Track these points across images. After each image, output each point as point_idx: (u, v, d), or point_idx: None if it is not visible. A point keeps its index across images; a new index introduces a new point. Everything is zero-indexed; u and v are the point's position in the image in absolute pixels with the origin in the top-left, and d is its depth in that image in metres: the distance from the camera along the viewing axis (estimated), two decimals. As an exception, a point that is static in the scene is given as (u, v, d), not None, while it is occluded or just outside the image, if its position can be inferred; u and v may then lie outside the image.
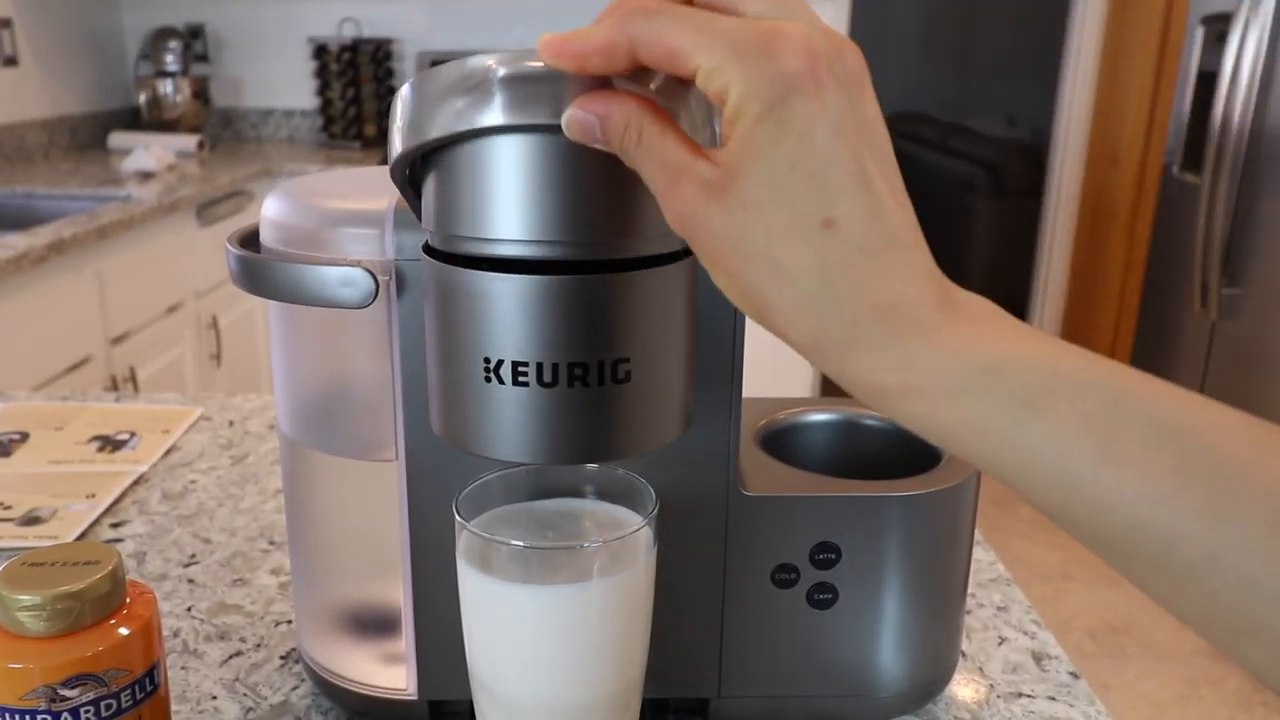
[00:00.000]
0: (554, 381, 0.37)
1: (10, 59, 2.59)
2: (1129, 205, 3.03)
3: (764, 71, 0.29)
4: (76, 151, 2.87)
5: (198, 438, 0.93)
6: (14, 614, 0.40)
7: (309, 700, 0.56)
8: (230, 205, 2.51)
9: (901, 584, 0.52)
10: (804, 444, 0.59)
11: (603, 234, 0.36)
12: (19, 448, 0.89)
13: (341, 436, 0.51)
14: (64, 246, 1.78)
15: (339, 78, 3.05)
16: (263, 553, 0.73)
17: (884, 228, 0.30)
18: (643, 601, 0.43)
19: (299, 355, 0.52)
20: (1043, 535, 2.68)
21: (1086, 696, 0.57)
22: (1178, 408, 0.28)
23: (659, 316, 0.39)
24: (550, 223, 0.36)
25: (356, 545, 0.53)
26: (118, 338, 2.00)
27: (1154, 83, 2.92)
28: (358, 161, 2.89)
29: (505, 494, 0.45)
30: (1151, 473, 0.28)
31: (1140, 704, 2.02)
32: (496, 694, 0.43)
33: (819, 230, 0.29)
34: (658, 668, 0.47)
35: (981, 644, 0.62)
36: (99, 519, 0.77)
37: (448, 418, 0.41)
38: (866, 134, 0.30)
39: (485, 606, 0.42)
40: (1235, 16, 2.17)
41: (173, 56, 3.00)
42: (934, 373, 0.29)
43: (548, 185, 0.35)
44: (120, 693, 0.42)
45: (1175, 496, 0.27)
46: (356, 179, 0.51)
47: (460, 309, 0.38)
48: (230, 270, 0.46)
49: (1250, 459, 0.27)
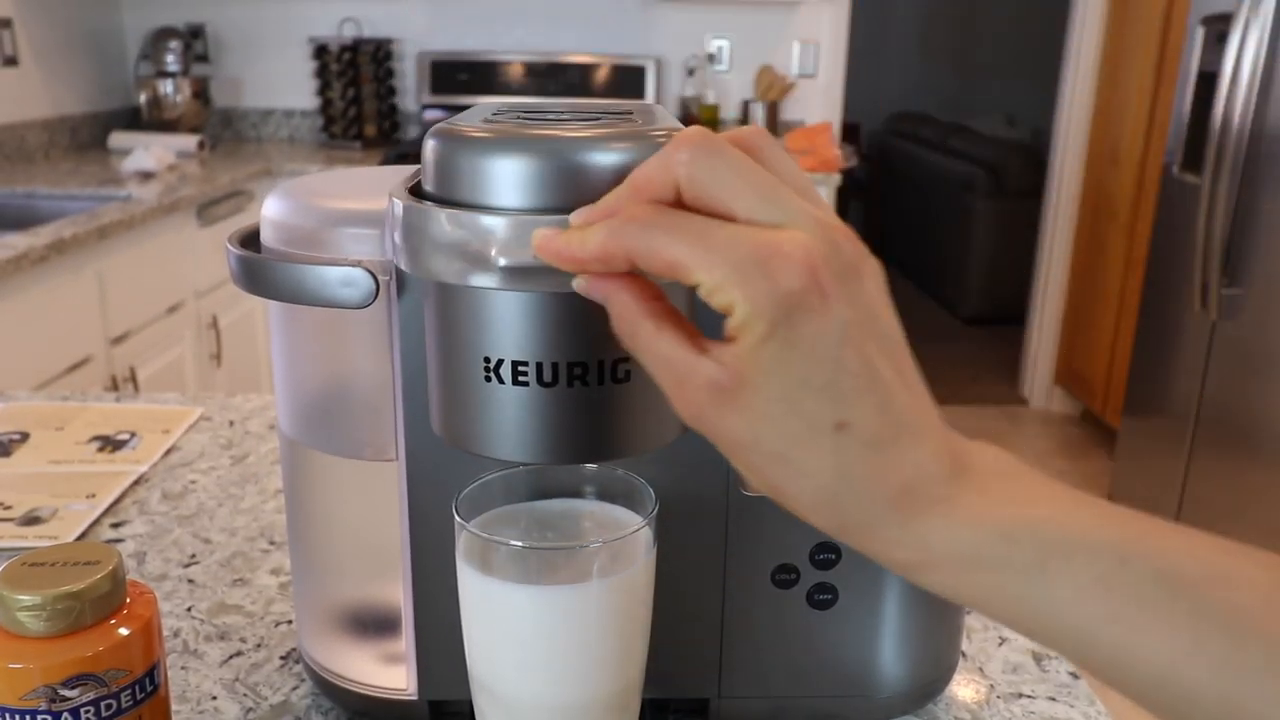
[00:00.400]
0: (554, 381, 0.37)
1: (10, 59, 2.59)
2: (1129, 205, 3.03)
3: (766, 293, 0.29)
4: (77, 151, 2.87)
5: (198, 438, 0.93)
6: (14, 614, 0.40)
7: (309, 700, 0.56)
8: (230, 205, 2.51)
9: (902, 584, 0.52)
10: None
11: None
12: (19, 448, 0.89)
13: (342, 437, 0.51)
14: (64, 246, 1.78)
15: (339, 78, 3.05)
16: (263, 553, 0.73)
17: (894, 418, 0.31)
18: (642, 602, 0.43)
19: (299, 355, 0.52)
20: (1043, 535, 2.68)
21: (1087, 697, 0.58)
22: (1188, 558, 0.29)
23: (659, 316, 0.39)
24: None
25: (356, 545, 0.54)
26: (118, 338, 2.00)
27: (1154, 83, 2.92)
28: (358, 161, 2.89)
29: (505, 494, 0.45)
30: (1164, 632, 0.28)
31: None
32: (496, 694, 0.43)
33: (832, 433, 0.30)
34: (658, 668, 0.47)
35: (982, 644, 0.62)
36: (99, 519, 0.77)
37: (448, 417, 0.41)
38: (872, 327, 0.31)
39: (485, 607, 0.42)
40: (1235, 17, 2.17)
41: (173, 56, 3.01)
42: (950, 549, 0.31)
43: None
44: (120, 693, 0.42)
45: (1190, 654, 0.28)
46: (357, 179, 0.51)
47: (460, 309, 0.38)
48: (231, 270, 0.46)
49: (1263, 609, 0.28)
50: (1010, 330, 4.24)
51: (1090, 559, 0.29)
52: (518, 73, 3.16)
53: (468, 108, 0.47)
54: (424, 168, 0.39)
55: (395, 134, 3.24)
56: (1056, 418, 3.52)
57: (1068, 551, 0.30)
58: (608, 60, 3.18)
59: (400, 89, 3.26)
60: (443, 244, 0.36)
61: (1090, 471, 3.07)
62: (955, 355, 4.19)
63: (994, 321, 4.55)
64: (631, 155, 0.37)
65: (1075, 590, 0.29)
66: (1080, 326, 3.37)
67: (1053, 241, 3.52)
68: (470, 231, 0.35)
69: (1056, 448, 3.26)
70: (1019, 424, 3.47)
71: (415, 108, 3.26)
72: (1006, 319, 4.40)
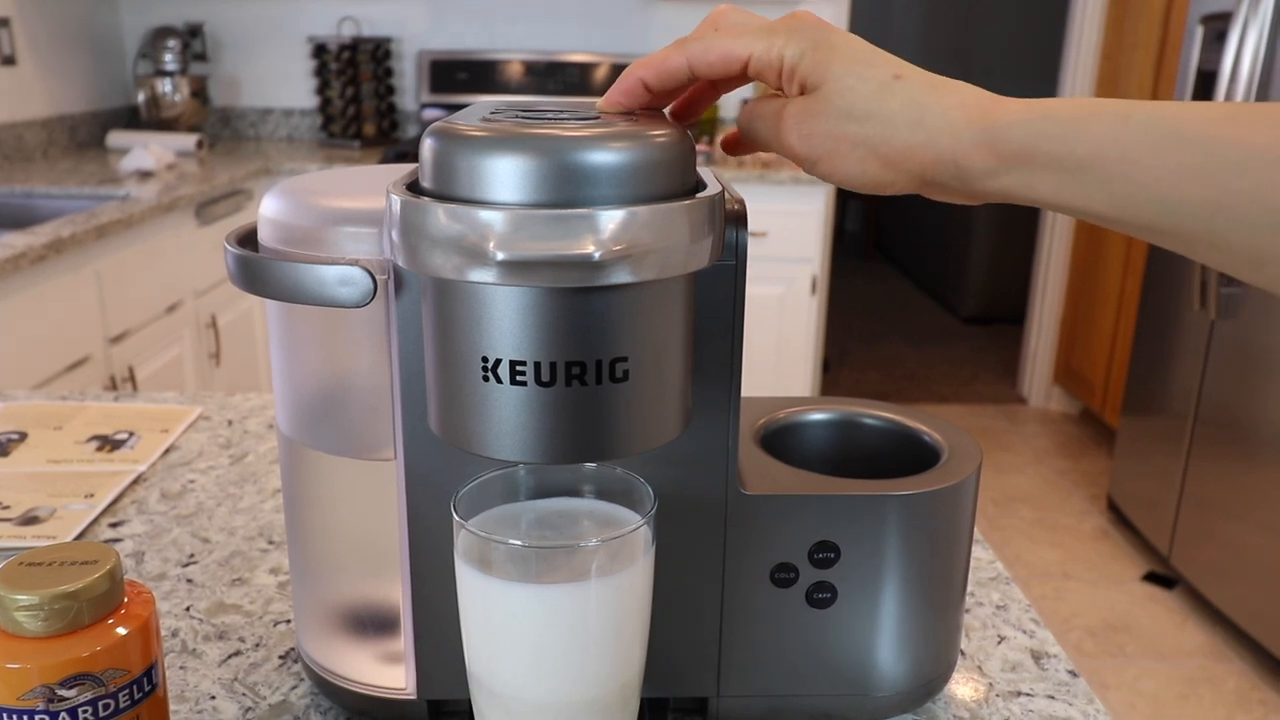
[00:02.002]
0: (552, 381, 0.37)
1: (9, 58, 2.59)
2: (1128, 204, 3.02)
3: (801, 32, 0.42)
4: (75, 150, 2.87)
5: (196, 437, 0.93)
6: (12, 614, 0.40)
7: (308, 700, 0.56)
8: (229, 204, 2.51)
9: (901, 583, 0.52)
10: (803, 443, 0.59)
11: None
12: (17, 447, 0.89)
13: (340, 436, 0.51)
14: (63, 246, 1.78)
15: (338, 77, 3.05)
16: (261, 552, 0.73)
17: (930, 74, 0.42)
18: (641, 601, 0.43)
19: (298, 354, 0.52)
20: (1042, 534, 2.68)
21: (1085, 695, 0.57)
22: (1176, 108, 0.37)
23: (657, 315, 0.39)
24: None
25: (355, 544, 0.53)
26: (116, 337, 2.00)
27: (1153, 81, 2.92)
28: (356, 160, 2.89)
29: (503, 493, 0.45)
30: (1165, 163, 0.37)
31: (1139, 703, 2.02)
32: (495, 693, 0.43)
33: (895, 81, 0.41)
34: (657, 667, 0.47)
35: (981, 643, 0.62)
36: (97, 518, 0.77)
37: (446, 417, 0.41)
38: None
39: (484, 606, 0.42)
40: (1235, 15, 2.18)
41: (172, 55, 3.00)
42: (1011, 135, 0.39)
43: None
44: (118, 693, 0.42)
45: (1175, 174, 0.36)
46: (355, 178, 0.51)
47: (458, 307, 0.38)
48: (229, 269, 0.46)
49: (1229, 124, 0.36)
50: (1009, 329, 4.25)
51: (1105, 120, 0.38)
52: (517, 71, 3.16)
53: (467, 106, 0.47)
54: (422, 166, 0.39)
55: (394, 133, 3.24)
56: (1056, 416, 3.52)
57: (1087, 118, 0.38)
58: (607, 59, 3.18)
59: (399, 88, 3.25)
60: (440, 239, 0.36)
61: (1089, 470, 3.07)
62: (955, 354, 4.19)
63: (993, 320, 4.56)
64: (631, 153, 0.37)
65: (1094, 144, 0.38)
66: (1079, 325, 3.37)
67: (1052, 240, 3.52)
68: (468, 225, 0.35)
69: (1056, 446, 3.26)
70: (1018, 423, 3.47)
71: (414, 107, 3.26)
72: (1006, 318, 4.40)
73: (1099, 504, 2.85)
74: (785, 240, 2.67)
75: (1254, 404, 2.17)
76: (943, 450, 0.55)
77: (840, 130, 0.41)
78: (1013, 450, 3.23)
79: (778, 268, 2.69)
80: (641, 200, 0.36)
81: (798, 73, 0.41)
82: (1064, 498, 2.90)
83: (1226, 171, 0.36)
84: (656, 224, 0.36)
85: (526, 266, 0.35)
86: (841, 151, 0.42)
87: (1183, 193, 0.36)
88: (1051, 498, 2.90)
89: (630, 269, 0.35)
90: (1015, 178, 0.40)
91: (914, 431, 0.58)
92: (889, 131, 0.41)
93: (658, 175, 0.38)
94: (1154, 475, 2.52)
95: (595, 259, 0.35)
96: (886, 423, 0.59)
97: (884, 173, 0.42)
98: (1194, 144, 0.36)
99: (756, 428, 0.57)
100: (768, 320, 2.74)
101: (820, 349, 2.92)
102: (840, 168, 0.42)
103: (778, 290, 2.72)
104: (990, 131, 0.40)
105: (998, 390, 3.77)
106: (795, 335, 2.77)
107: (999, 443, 3.28)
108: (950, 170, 0.41)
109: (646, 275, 0.36)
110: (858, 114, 0.41)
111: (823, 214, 2.69)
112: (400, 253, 0.38)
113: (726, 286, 0.47)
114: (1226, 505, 2.23)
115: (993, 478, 3.00)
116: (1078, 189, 0.39)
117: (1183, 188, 0.36)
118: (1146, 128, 0.37)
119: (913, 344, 4.34)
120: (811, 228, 2.69)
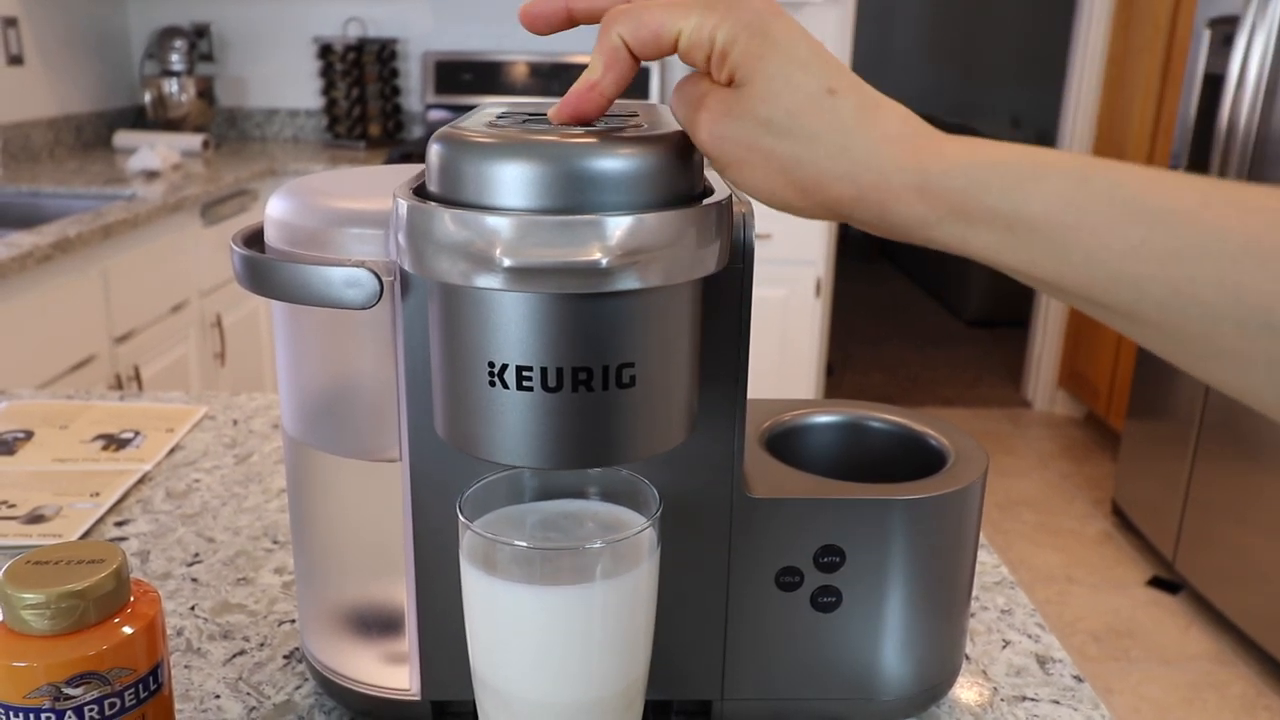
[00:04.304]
0: (558, 386, 0.37)
1: (16, 58, 2.60)
2: (1134, 208, 3.01)
3: (739, 14, 0.37)
4: (82, 150, 2.88)
5: (202, 437, 0.93)
6: (18, 612, 0.40)
7: (312, 700, 0.56)
8: (235, 205, 2.51)
9: (906, 587, 0.51)
10: (809, 446, 0.59)
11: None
12: (23, 446, 0.89)
13: (345, 437, 0.51)
14: (69, 245, 1.78)
15: (344, 77, 3.05)
16: (266, 552, 0.73)
17: (869, 91, 0.37)
18: (645, 603, 0.43)
19: (303, 355, 0.52)
20: (1047, 538, 2.68)
21: (1090, 700, 0.57)
22: (1137, 176, 0.34)
23: (664, 321, 0.39)
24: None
25: (360, 545, 0.54)
26: (122, 336, 2.00)
27: (1160, 85, 2.92)
28: (362, 161, 2.89)
29: (509, 494, 0.45)
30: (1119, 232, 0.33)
31: (1144, 708, 2.02)
32: (500, 694, 0.43)
33: (827, 97, 0.37)
34: (661, 669, 0.47)
35: (985, 647, 0.62)
36: (103, 517, 0.77)
37: (452, 422, 0.41)
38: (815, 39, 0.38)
39: (488, 607, 0.42)
40: (1242, 19, 2.17)
41: (178, 56, 3.01)
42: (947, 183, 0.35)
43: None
44: (124, 691, 0.42)
45: (1138, 249, 0.33)
46: (361, 179, 0.51)
47: (464, 312, 0.38)
48: (235, 270, 0.46)
49: (1200, 206, 0.32)
50: (1013, 332, 4.24)
51: (1059, 178, 0.34)
52: (522, 73, 3.16)
53: (472, 108, 0.47)
54: (428, 171, 0.39)
55: (399, 134, 3.24)
56: (1060, 420, 3.52)
57: (1038, 174, 0.34)
58: (612, 61, 3.17)
59: (404, 89, 3.26)
60: (447, 244, 0.36)
61: (1094, 474, 3.06)
62: (958, 358, 4.19)
63: (997, 324, 4.55)
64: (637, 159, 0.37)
65: (1044, 205, 0.34)
66: (1084, 329, 3.36)
67: (1057, 244, 3.50)
68: (475, 231, 0.35)
69: (1060, 450, 3.26)
70: (1022, 426, 3.46)
71: (419, 107, 3.27)
72: (1010, 321, 4.39)
73: (1103, 508, 2.85)
74: (789, 243, 2.67)
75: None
76: (949, 454, 0.55)
77: (755, 141, 0.37)
78: (1017, 454, 3.22)
79: (782, 270, 2.69)
80: (648, 206, 0.36)
81: (728, 60, 0.37)
82: (1068, 502, 2.90)
83: (1193, 254, 0.32)
84: (663, 230, 0.36)
85: (533, 273, 0.35)
86: (752, 163, 0.38)
87: (1140, 271, 0.33)
88: (1055, 502, 2.90)
89: (637, 275, 0.36)
90: (948, 230, 0.36)
91: (920, 435, 0.58)
92: (807, 154, 0.36)
93: (664, 181, 0.38)
94: (1159, 479, 2.52)
95: (602, 265, 0.35)
96: (892, 426, 0.59)
97: (795, 198, 0.38)
98: (1159, 219, 0.32)
99: (762, 431, 0.57)
100: (772, 323, 2.73)
101: (824, 352, 2.92)
102: (748, 180, 0.38)
103: (782, 293, 2.72)
104: (923, 175, 0.35)
105: (1002, 394, 3.76)
106: (799, 338, 2.77)
107: (1003, 446, 3.27)
108: (873, 211, 0.37)
109: (653, 281, 0.36)
110: (777, 127, 0.37)
111: (827, 216, 2.68)
112: (406, 257, 0.38)
113: (733, 290, 0.47)
114: (1231, 510, 2.22)
115: (997, 481, 3.00)
116: (1020, 251, 0.35)
117: (1141, 266, 0.33)
118: (1106, 193, 0.33)
119: (917, 347, 4.33)
120: (815, 230, 2.69)
